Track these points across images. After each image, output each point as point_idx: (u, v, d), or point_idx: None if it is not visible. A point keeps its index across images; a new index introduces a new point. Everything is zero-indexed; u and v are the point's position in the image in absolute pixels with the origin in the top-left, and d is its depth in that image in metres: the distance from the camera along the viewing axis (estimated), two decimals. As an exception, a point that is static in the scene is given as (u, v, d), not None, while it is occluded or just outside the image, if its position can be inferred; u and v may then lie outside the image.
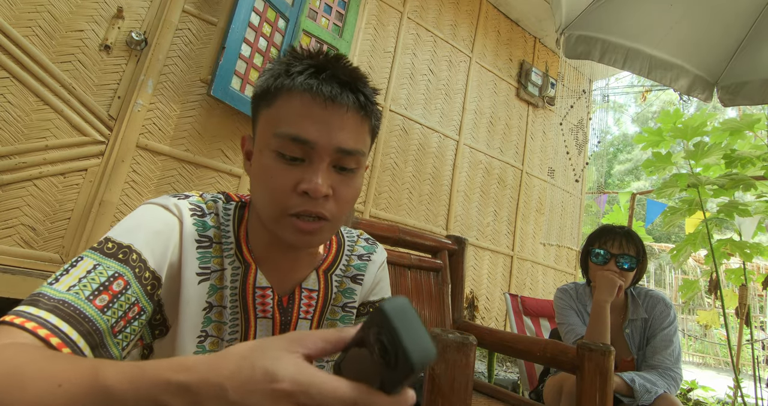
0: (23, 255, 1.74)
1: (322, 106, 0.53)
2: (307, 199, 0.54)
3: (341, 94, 0.54)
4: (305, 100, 0.53)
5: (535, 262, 3.92)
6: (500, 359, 3.47)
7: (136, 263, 0.52)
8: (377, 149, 2.94)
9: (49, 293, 0.45)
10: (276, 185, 0.54)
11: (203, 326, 0.59)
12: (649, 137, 2.58)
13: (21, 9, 1.76)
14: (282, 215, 0.55)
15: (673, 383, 1.34)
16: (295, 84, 0.54)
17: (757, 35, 2.05)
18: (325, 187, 0.53)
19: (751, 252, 2.35)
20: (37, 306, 0.44)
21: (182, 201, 0.60)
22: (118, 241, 0.53)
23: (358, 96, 0.55)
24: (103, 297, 0.48)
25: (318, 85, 0.53)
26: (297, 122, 0.53)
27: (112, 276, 0.49)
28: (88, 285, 0.47)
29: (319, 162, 0.54)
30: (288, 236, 0.56)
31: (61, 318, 0.43)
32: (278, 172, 0.54)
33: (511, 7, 3.78)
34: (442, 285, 1.64)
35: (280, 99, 0.55)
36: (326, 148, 0.54)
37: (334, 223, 0.58)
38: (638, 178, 16.53)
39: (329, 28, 2.61)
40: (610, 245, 1.45)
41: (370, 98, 0.58)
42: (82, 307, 0.45)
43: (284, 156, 0.54)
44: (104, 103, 1.95)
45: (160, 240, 0.55)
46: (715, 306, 5.47)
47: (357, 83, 0.56)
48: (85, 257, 0.51)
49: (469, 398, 0.74)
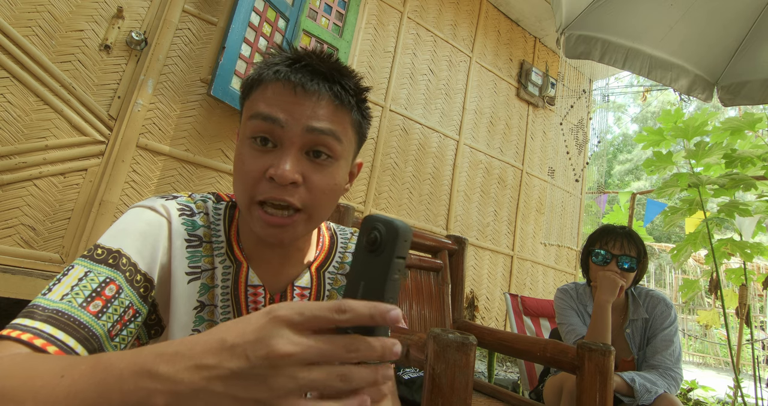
0: (23, 255, 1.74)
1: (291, 92, 0.54)
2: (274, 186, 0.52)
3: (311, 81, 0.54)
4: (277, 87, 0.54)
5: (535, 262, 3.92)
6: (500, 359, 3.47)
7: (127, 267, 0.52)
8: (377, 149, 2.94)
9: (43, 304, 0.46)
10: (246, 171, 0.54)
11: (195, 324, 0.59)
12: (650, 137, 2.58)
13: (21, 9, 1.76)
14: (251, 203, 0.54)
15: (674, 383, 1.34)
16: (269, 74, 0.55)
17: (758, 35, 2.05)
18: (292, 173, 0.52)
19: (752, 252, 2.35)
20: (32, 318, 0.44)
21: (170, 202, 0.60)
22: (107, 246, 0.53)
23: (332, 86, 0.55)
24: (97, 303, 0.48)
25: (288, 73, 0.54)
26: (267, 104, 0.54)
27: (103, 282, 0.50)
28: (81, 293, 0.48)
29: (289, 145, 0.53)
30: (258, 229, 0.55)
31: (57, 327, 0.44)
32: (249, 158, 0.54)
33: (511, 6, 3.78)
34: (442, 285, 1.64)
35: (257, 90, 0.56)
36: (295, 130, 0.53)
37: (310, 215, 0.56)
38: (638, 178, 16.53)
39: (329, 27, 2.61)
40: (612, 245, 1.45)
41: (348, 90, 0.57)
42: (77, 314, 0.46)
43: (255, 140, 0.54)
44: (104, 103, 1.95)
45: (148, 242, 0.55)
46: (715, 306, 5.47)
47: (333, 74, 0.56)
48: (76, 265, 0.51)
49: (469, 398, 0.74)
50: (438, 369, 0.74)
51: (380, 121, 2.96)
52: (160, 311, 0.58)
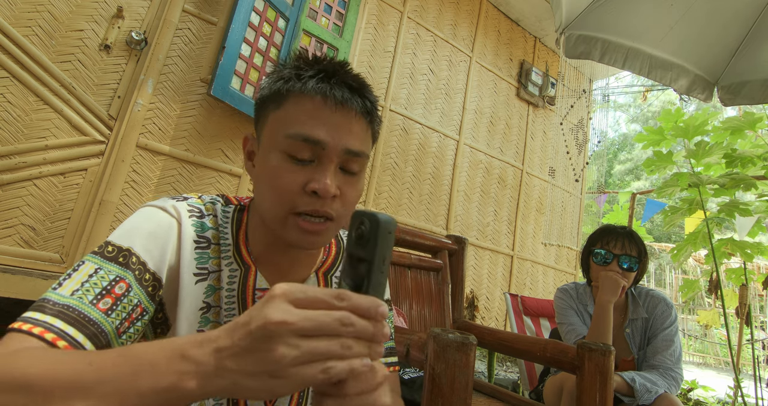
0: (23, 255, 1.74)
1: (332, 109, 0.55)
2: (316, 199, 0.55)
3: (351, 99, 0.56)
4: (317, 102, 0.55)
5: (535, 262, 3.91)
6: (500, 359, 3.47)
7: (136, 266, 0.53)
8: (377, 149, 2.94)
9: (54, 299, 0.47)
10: (284, 185, 0.55)
11: (200, 325, 0.59)
12: (650, 136, 2.57)
13: (21, 9, 1.76)
14: (288, 214, 0.56)
15: (674, 383, 1.34)
16: (306, 87, 0.56)
17: (758, 35, 2.05)
18: (333, 188, 0.55)
19: (752, 252, 2.35)
20: (43, 312, 0.45)
21: (180, 203, 0.60)
22: (117, 244, 0.54)
23: (365, 102, 0.58)
24: (107, 301, 0.49)
25: (329, 89, 0.55)
26: (309, 123, 0.55)
27: (113, 280, 0.51)
28: (91, 289, 0.49)
29: (329, 163, 0.56)
30: (293, 235, 0.57)
31: (67, 322, 0.45)
32: (287, 172, 0.55)
33: (511, 6, 3.78)
34: (442, 285, 1.64)
35: (291, 101, 0.56)
36: (335, 149, 0.55)
37: (339, 224, 0.59)
38: (638, 177, 16.53)
39: (329, 27, 2.61)
40: (612, 245, 1.45)
41: (375, 105, 0.60)
42: (87, 311, 0.47)
43: (293, 157, 0.55)
44: (104, 102, 1.95)
45: (158, 242, 0.56)
46: (715, 306, 5.47)
47: (364, 90, 0.59)
48: (87, 261, 0.52)
49: (469, 398, 0.74)
50: (438, 369, 0.74)
51: (380, 128, 2.95)
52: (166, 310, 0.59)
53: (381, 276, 0.36)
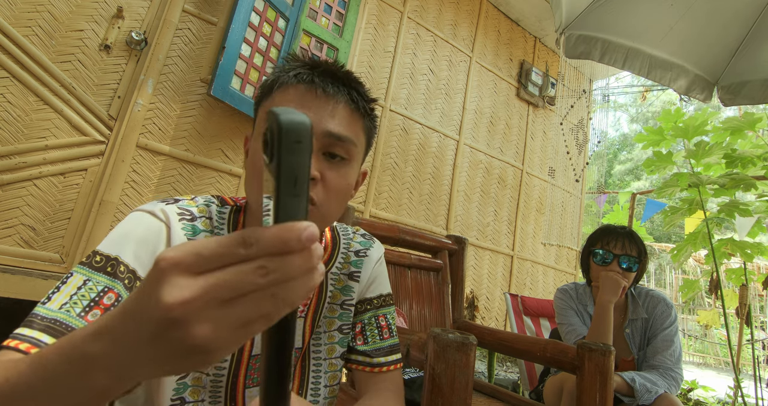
0: (23, 255, 1.74)
1: (313, 95, 0.57)
2: None
3: (333, 86, 0.57)
4: (300, 90, 0.57)
5: (535, 262, 3.91)
6: (500, 359, 3.47)
7: (125, 275, 0.52)
8: (377, 149, 2.93)
9: (42, 313, 0.47)
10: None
11: None
12: (650, 136, 2.57)
13: (21, 9, 1.76)
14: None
15: (674, 384, 1.34)
16: (292, 77, 0.58)
17: (758, 35, 2.05)
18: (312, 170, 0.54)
19: (752, 252, 2.35)
20: (31, 327, 0.45)
21: (170, 206, 0.60)
22: (105, 253, 0.53)
23: (350, 91, 0.59)
24: (95, 312, 0.48)
25: (311, 76, 0.57)
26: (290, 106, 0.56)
27: (102, 291, 0.50)
28: (79, 302, 0.48)
29: None
30: None
31: (53, 336, 0.45)
32: None
33: (511, 6, 3.78)
34: (442, 285, 1.64)
35: (278, 91, 0.59)
36: (315, 131, 0.55)
37: (324, 212, 0.58)
38: (638, 178, 16.53)
39: (329, 27, 2.61)
40: (612, 245, 1.45)
41: (363, 96, 0.61)
42: (74, 323, 0.47)
43: None
44: (104, 103, 1.95)
45: (147, 248, 0.55)
46: (715, 306, 5.47)
47: (350, 81, 0.60)
48: (75, 272, 0.51)
49: (469, 398, 0.74)
50: (438, 369, 0.74)
51: (380, 121, 2.96)
52: None
53: (293, 200, 0.27)
